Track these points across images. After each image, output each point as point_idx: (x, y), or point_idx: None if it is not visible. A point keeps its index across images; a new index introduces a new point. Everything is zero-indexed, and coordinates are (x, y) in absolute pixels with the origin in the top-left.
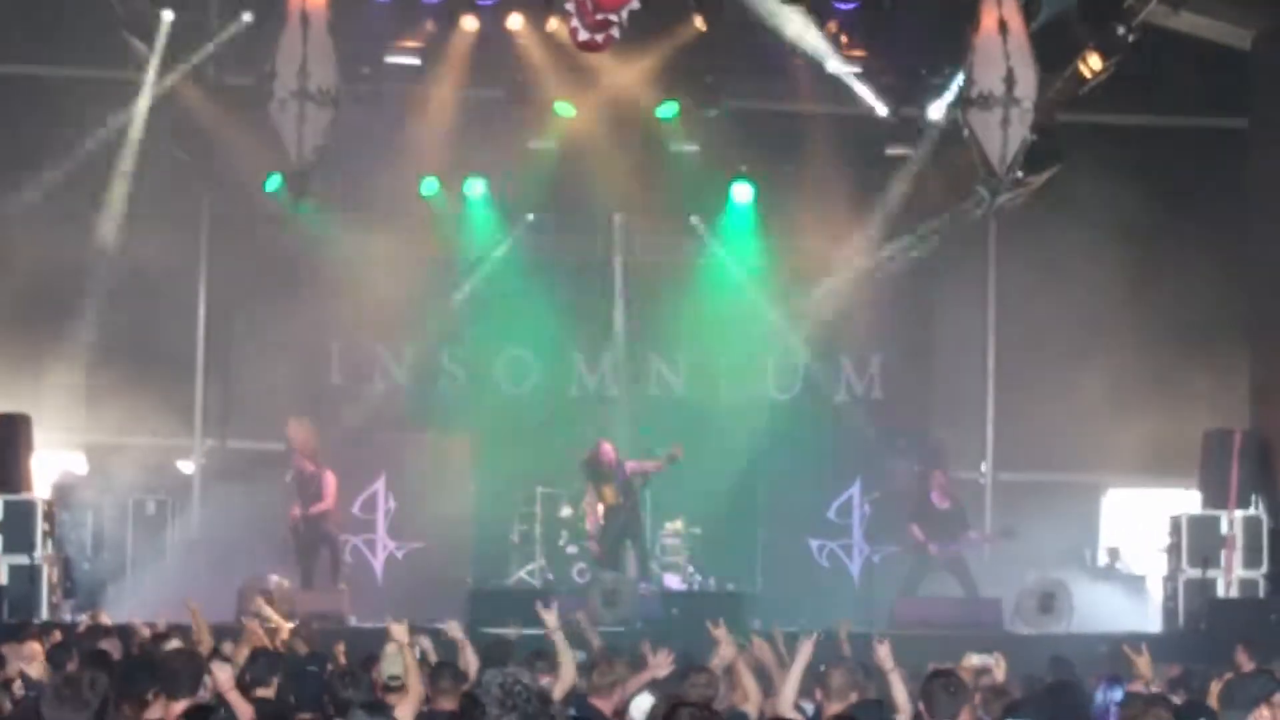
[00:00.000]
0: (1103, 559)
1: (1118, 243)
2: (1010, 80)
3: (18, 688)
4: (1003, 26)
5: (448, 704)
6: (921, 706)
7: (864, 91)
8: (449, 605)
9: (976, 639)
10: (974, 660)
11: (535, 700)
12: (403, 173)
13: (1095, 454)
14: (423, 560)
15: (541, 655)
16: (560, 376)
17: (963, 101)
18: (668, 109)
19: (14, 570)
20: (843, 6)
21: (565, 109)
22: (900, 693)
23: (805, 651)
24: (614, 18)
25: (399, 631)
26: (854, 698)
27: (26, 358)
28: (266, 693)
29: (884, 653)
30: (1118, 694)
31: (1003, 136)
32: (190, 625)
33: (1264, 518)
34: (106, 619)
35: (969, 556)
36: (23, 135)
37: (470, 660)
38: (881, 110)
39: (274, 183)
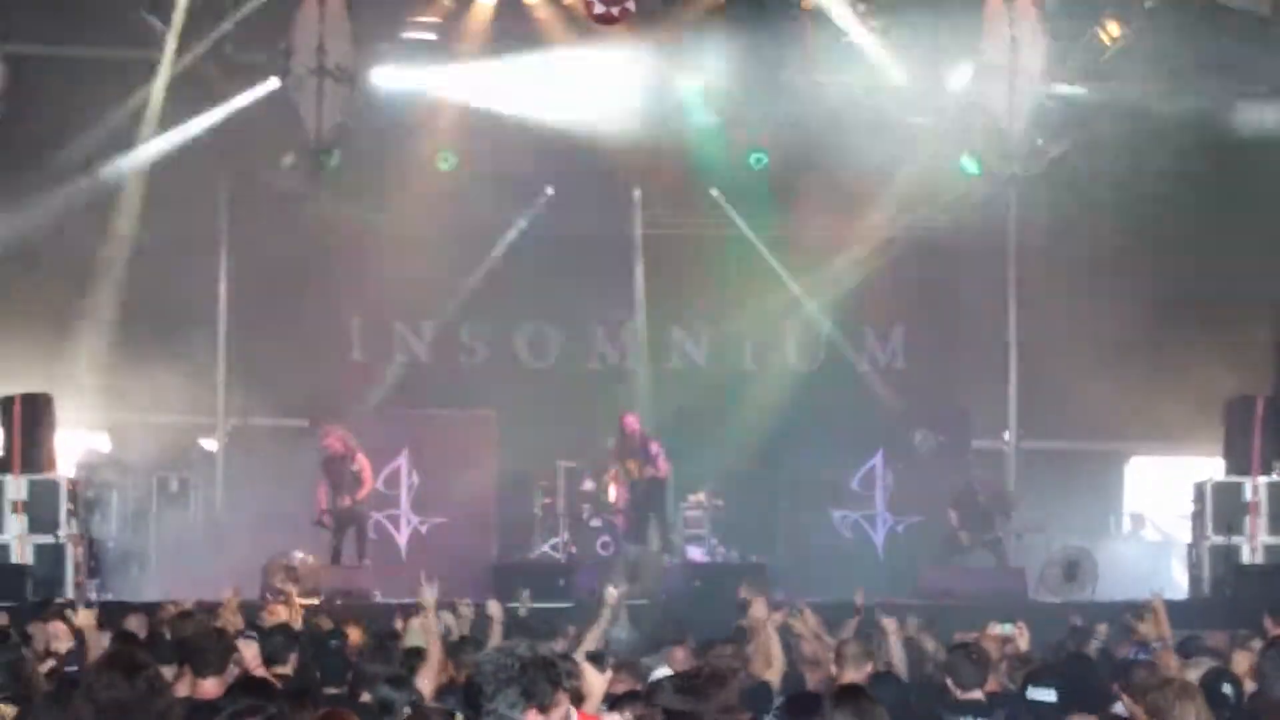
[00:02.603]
0: (1127, 526)
1: (1137, 211)
2: (1015, 49)
3: (48, 665)
4: None
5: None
6: (948, 679)
7: (884, 61)
8: (473, 580)
9: (1001, 608)
10: (997, 629)
11: (532, 668)
12: (421, 148)
13: (1118, 421)
14: (446, 535)
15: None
16: (581, 350)
17: (975, 71)
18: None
19: (39, 549)
20: None
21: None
22: (898, 661)
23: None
24: None
25: (428, 596)
26: (870, 668)
27: (49, 337)
28: (284, 670)
29: (891, 624)
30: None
31: (1010, 105)
32: (218, 602)
33: None
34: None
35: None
36: (42, 114)
37: (496, 639)
38: (901, 80)
39: (292, 159)
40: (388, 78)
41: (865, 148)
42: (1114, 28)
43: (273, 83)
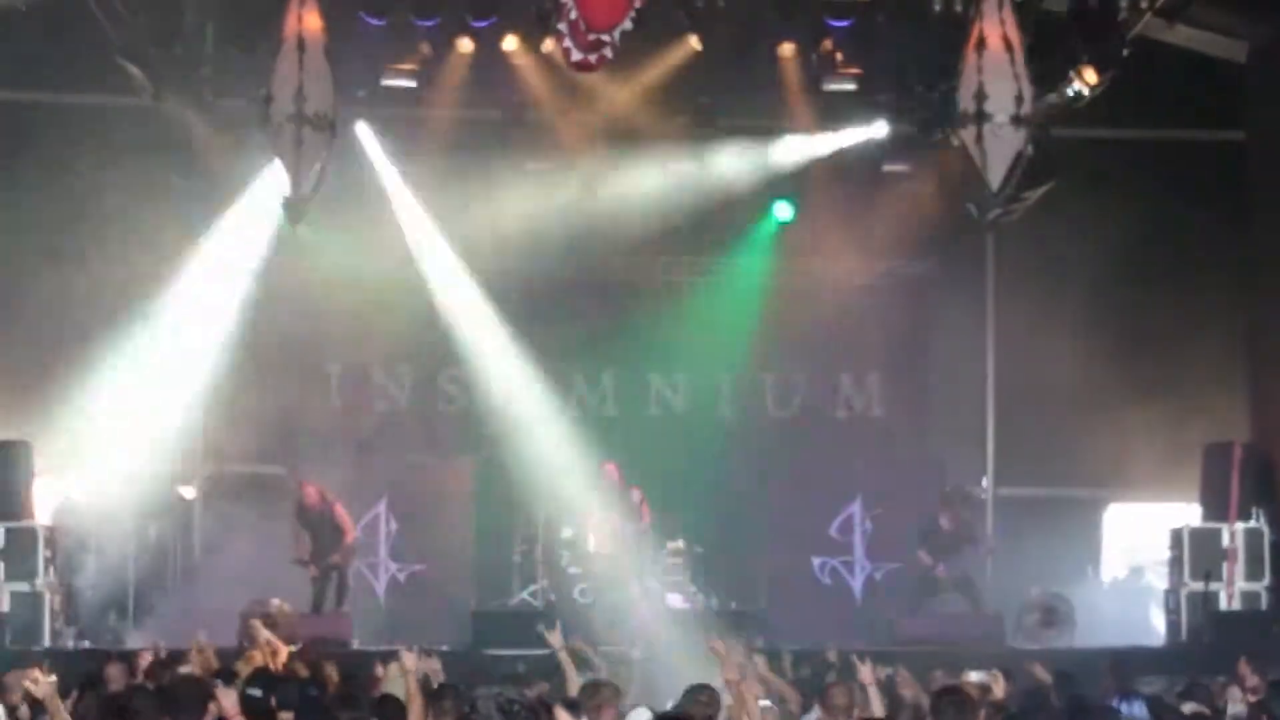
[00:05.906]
0: (1105, 573)
1: (1115, 256)
2: (981, 96)
3: (24, 713)
4: (980, 43)
5: None
6: None
7: (859, 109)
8: (452, 627)
9: (979, 654)
10: (974, 677)
11: (530, 713)
12: (401, 194)
13: (1096, 468)
14: (425, 583)
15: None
16: (560, 397)
17: (951, 118)
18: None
19: (16, 597)
20: (837, 24)
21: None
22: (878, 708)
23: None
24: (606, 38)
25: (409, 660)
26: (856, 714)
27: (27, 384)
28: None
29: (866, 671)
30: (1139, 708)
31: (981, 152)
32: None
33: (1265, 530)
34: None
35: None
36: (20, 161)
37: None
38: (877, 128)
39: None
40: (367, 124)
41: (842, 194)
42: (1091, 74)
43: (252, 129)
